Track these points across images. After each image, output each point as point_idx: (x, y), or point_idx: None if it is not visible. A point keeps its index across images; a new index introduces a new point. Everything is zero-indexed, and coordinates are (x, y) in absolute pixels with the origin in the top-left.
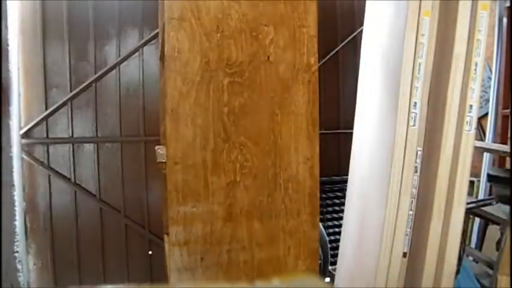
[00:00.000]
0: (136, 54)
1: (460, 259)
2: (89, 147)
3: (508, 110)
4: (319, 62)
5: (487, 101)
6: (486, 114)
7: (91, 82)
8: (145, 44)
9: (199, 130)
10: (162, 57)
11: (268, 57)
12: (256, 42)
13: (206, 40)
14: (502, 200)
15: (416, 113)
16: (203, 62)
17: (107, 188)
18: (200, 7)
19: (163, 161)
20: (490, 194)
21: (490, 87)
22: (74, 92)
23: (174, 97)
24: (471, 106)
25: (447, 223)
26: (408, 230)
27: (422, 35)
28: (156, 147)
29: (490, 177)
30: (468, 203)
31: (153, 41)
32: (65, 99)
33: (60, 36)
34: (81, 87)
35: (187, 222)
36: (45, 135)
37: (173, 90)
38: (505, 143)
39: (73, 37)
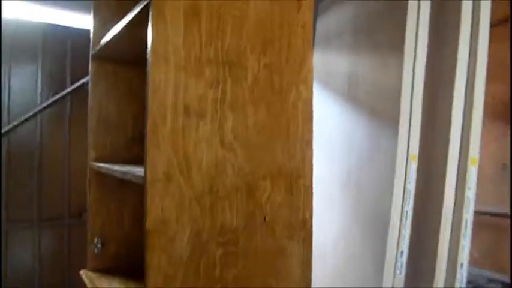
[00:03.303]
0: None
1: None
2: None
3: None
4: None
5: None
6: None
7: None
8: None
9: None
10: None
11: (265, 218)
12: (253, 201)
13: (197, 205)
14: None
15: (402, 262)
16: (193, 233)
17: None
18: (190, 162)
19: None
20: None
21: None
22: None
23: (157, 281)
24: (462, 264)
25: None
26: None
27: (409, 182)
28: None
29: None
30: None
31: None
32: None
33: None
34: None
35: None
36: None
37: (156, 273)
38: None
39: None
